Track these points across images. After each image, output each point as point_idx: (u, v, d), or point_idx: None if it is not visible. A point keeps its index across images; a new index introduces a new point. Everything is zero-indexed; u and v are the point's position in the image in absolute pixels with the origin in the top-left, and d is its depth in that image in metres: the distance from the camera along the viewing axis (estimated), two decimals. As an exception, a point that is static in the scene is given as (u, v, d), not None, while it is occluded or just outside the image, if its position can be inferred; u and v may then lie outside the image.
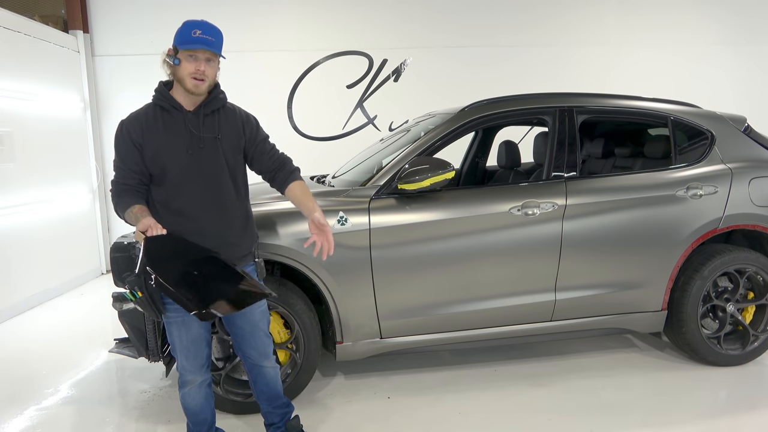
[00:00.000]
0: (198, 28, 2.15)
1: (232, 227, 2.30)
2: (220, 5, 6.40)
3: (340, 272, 2.95)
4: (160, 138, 2.17)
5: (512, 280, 3.19)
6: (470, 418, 2.95)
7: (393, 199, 3.05)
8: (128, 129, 2.18)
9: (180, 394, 2.39)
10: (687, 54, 7.22)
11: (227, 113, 2.30)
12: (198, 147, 2.20)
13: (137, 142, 2.17)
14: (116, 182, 2.22)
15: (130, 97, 6.54)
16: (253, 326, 2.41)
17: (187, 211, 2.21)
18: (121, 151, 2.20)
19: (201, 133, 2.20)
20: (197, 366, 2.34)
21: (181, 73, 2.14)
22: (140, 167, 2.19)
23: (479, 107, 3.37)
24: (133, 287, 2.13)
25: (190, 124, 2.20)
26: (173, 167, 2.18)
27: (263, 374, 2.52)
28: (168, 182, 2.20)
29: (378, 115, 6.89)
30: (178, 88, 2.20)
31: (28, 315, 5.01)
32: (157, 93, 2.23)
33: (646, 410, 2.98)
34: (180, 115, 2.20)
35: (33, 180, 5.30)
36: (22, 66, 5.27)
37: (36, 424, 3.03)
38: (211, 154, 2.23)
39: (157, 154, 2.17)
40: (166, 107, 2.20)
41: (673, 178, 3.35)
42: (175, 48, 2.15)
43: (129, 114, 2.23)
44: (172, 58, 2.15)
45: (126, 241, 3.05)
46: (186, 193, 2.20)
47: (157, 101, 2.22)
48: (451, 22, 6.90)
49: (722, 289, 3.45)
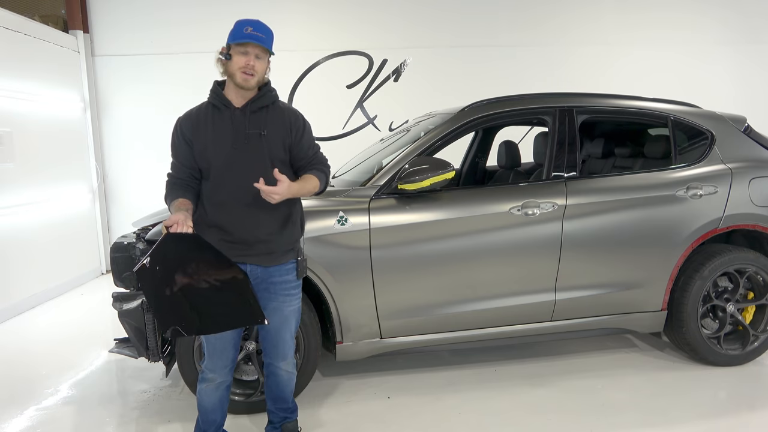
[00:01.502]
0: (250, 25, 2.22)
1: (271, 223, 2.30)
2: (221, 5, 6.41)
3: (340, 272, 2.95)
4: (208, 134, 2.26)
5: (512, 280, 3.19)
6: (470, 418, 2.95)
7: (393, 199, 3.05)
8: (181, 125, 2.31)
9: (197, 389, 2.44)
10: (686, 53, 7.21)
11: (276, 111, 2.33)
12: (243, 143, 2.25)
13: (188, 137, 2.28)
14: (170, 175, 2.35)
15: (130, 97, 6.57)
16: (282, 322, 2.40)
17: (227, 204, 2.26)
18: (175, 147, 2.33)
19: (246, 129, 2.25)
20: (220, 366, 2.37)
21: (232, 67, 2.21)
22: (190, 162, 2.29)
23: (479, 107, 3.37)
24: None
25: (236, 120, 2.26)
26: (217, 161, 2.25)
27: (276, 375, 2.52)
28: (212, 176, 2.27)
29: (378, 115, 6.89)
30: (229, 85, 2.28)
31: (28, 315, 5.01)
32: (211, 92, 2.32)
33: (646, 410, 2.98)
34: (228, 112, 2.27)
35: (33, 180, 5.30)
36: (22, 66, 5.27)
37: (36, 424, 3.03)
38: (256, 150, 2.26)
39: (205, 149, 2.26)
40: (218, 105, 2.28)
41: (673, 178, 3.35)
42: (228, 46, 2.23)
43: (186, 111, 2.35)
44: (225, 54, 2.22)
45: (126, 241, 3.05)
46: (228, 186, 2.26)
47: (211, 99, 2.31)
48: (451, 22, 6.89)
49: (722, 289, 3.45)
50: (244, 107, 2.27)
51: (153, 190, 6.61)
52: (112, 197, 6.73)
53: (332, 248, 2.93)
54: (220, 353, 2.34)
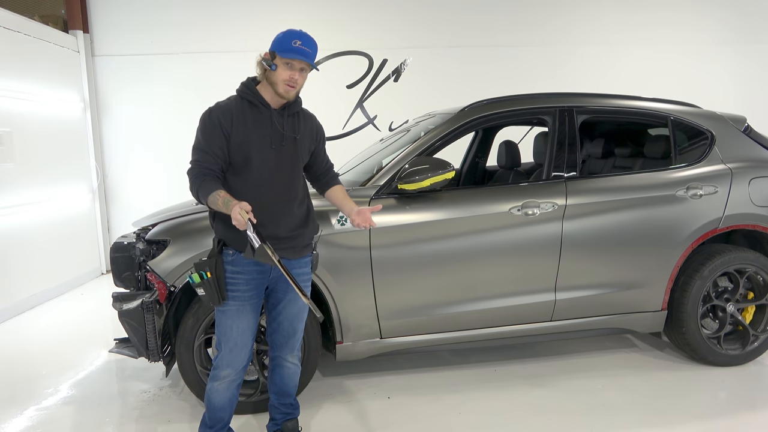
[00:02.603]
0: (299, 38, 2.24)
1: (297, 219, 2.40)
2: (221, 5, 6.41)
3: (340, 272, 2.95)
4: (248, 129, 2.27)
5: (512, 280, 3.19)
6: (470, 418, 2.95)
7: (393, 199, 3.06)
8: (218, 116, 2.26)
9: (209, 387, 2.43)
10: (686, 53, 7.21)
11: (306, 117, 2.46)
12: (280, 143, 2.32)
13: (226, 129, 2.25)
14: (199, 166, 2.26)
15: (130, 97, 6.58)
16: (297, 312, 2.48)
17: (262, 200, 2.28)
18: (208, 137, 2.26)
19: (284, 131, 2.33)
20: (239, 360, 2.39)
21: (276, 78, 2.25)
22: (224, 154, 2.26)
23: (479, 107, 3.37)
24: (204, 269, 2.25)
25: (276, 121, 2.31)
26: (257, 158, 2.28)
27: (283, 367, 2.56)
28: (248, 172, 2.29)
29: (378, 115, 6.89)
30: (267, 88, 2.31)
31: (28, 315, 5.01)
32: (245, 88, 2.33)
33: (646, 410, 2.98)
34: (267, 112, 2.31)
35: (33, 180, 5.30)
36: (22, 66, 5.27)
37: (36, 424, 3.03)
38: (290, 152, 2.35)
39: (244, 143, 2.26)
40: (255, 102, 2.30)
41: (673, 178, 3.35)
42: (272, 53, 2.25)
43: (215, 105, 2.32)
44: (269, 62, 2.25)
45: (126, 241, 3.05)
46: (264, 184, 2.30)
47: (245, 95, 2.31)
48: (451, 22, 6.89)
49: (722, 289, 3.45)
50: (282, 110, 2.34)
51: (153, 190, 6.63)
52: (112, 197, 6.73)
53: (332, 248, 2.93)
54: (241, 346, 2.37)
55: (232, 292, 2.31)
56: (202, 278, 2.26)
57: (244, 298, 2.33)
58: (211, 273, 2.25)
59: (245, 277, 2.32)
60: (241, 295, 2.32)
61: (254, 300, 2.37)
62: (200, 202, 2.29)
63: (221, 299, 2.29)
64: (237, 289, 2.32)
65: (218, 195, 2.17)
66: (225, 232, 2.29)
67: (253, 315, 2.38)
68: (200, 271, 2.26)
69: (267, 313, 2.54)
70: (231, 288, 2.31)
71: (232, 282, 2.31)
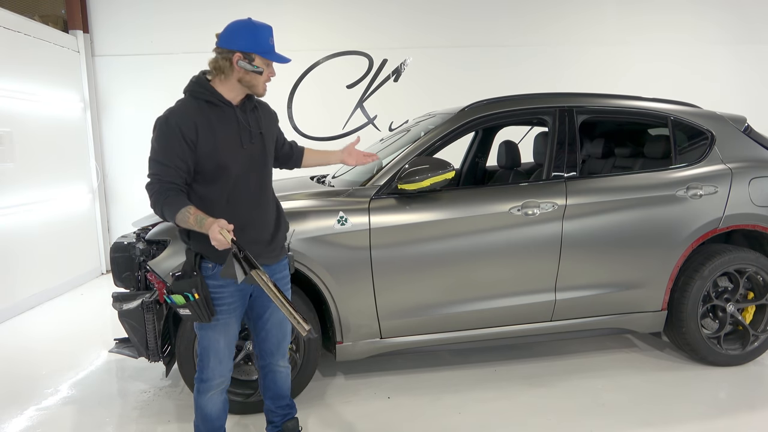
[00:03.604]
0: (270, 34, 2.18)
1: (274, 218, 2.34)
2: (220, 6, 6.40)
3: (340, 272, 2.95)
4: (215, 134, 2.12)
5: (512, 280, 3.18)
6: (470, 418, 2.95)
7: (393, 199, 3.05)
8: (179, 125, 2.06)
9: (201, 400, 2.32)
10: (687, 54, 7.21)
11: (262, 108, 2.35)
12: (249, 142, 2.20)
13: (190, 138, 2.07)
14: (160, 180, 2.06)
15: (130, 97, 6.57)
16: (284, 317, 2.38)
17: (239, 206, 2.19)
18: (167, 148, 2.06)
19: (250, 128, 2.21)
20: (228, 368, 2.31)
21: (258, 80, 2.16)
22: (188, 165, 2.09)
23: (479, 107, 3.37)
24: (188, 290, 2.09)
25: (241, 118, 2.19)
26: (232, 162, 2.14)
27: (276, 372, 2.51)
28: (224, 179, 2.15)
29: (378, 115, 6.89)
30: (226, 84, 2.16)
31: (29, 315, 5.01)
32: (200, 87, 2.16)
33: (646, 410, 2.98)
34: (230, 110, 2.17)
35: (33, 180, 5.30)
36: (22, 66, 5.27)
37: (36, 424, 3.03)
38: (260, 149, 2.25)
39: (214, 150, 2.11)
40: (214, 102, 2.14)
41: (673, 178, 3.35)
42: (249, 54, 2.11)
43: (170, 111, 2.12)
44: (255, 67, 2.12)
45: (126, 241, 3.05)
46: (241, 187, 2.19)
47: (201, 96, 2.14)
48: (451, 23, 6.90)
49: (722, 289, 3.45)
50: (243, 105, 2.22)
51: (153, 190, 6.63)
52: (112, 197, 6.73)
53: (332, 248, 2.93)
54: (228, 356, 2.29)
55: (218, 306, 2.19)
56: (188, 299, 2.10)
57: (230, 310, 2.23)
58: (198, 294, 2.10)
59: (230, 289, 2.20)
60: (227, 308, 2.22)
61: (240, 309, 2.29)
62: (165, 220, 2.13)
63: (211, 314, 2.15)
64: (223, 302, 2.20)
65: (188, 212, 2.01)
66: (202, 246, 2.12)
67: (237, 323, 2.30)
68: (185, 292, 2.10)
69: (252, 322, 2.42)
70: (217, 302, 2.18)
71: (217, 296, 2.18)
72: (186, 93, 2.19)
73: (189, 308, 2.13)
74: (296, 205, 2.99)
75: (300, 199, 3.07)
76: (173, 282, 2.15)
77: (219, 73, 2.14)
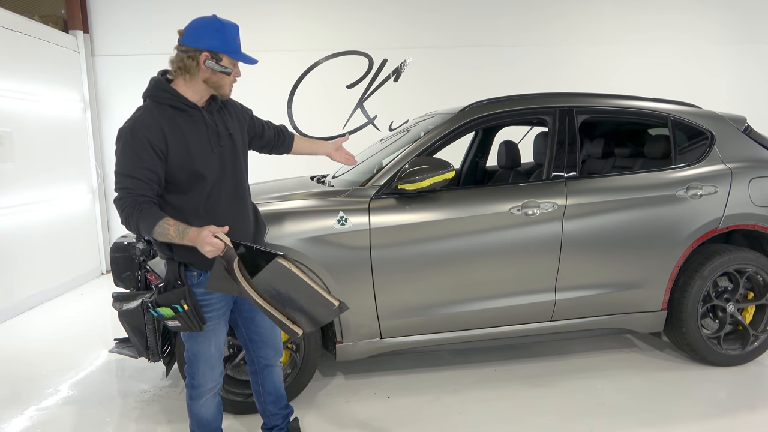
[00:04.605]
0: (237, 33, 2.11)
1: (252, 220, 2.30)
2: (220, 6, 6.40)
3: (340, 272, 2.95)
4: (185, 141, 2.03)
5: (512, 280, 3.18)
6: (470, 418, 2.95)
7: (393, 199, 3.05)
8: (146, 136, 1.95)
9: (194, 406, 2.29)
10: (687, 54, 7.21)
11: (228, 106, 2.27)
12: (219, 144, 2.12)
13: (160, 149, 1.97)
14: (131, 194, 1.96)
15: (130, 97, 6.51)
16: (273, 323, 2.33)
17: (218, 211, 2.12)
18: (135, 160, 1.95)
19: (218, 129, 2.13)
20: (219, 373, 2.28)
21: (225, 80, 2.09)
22: (158, 176, 1.99)
23: (479, 107, 3.37)
24: (176, 301, 2.04)
25: (208, 120, 2.11)
26: (205, 169, 2.06)
27: (273, 374, 2.49)
28: (199, 186, 2.07)
29: (378, 115, 6.89)
30: (189, 86, 2.07)
31: (29, 315, 5.01)
32: (162, 91, 2.06)
33: (646, 410, 2.98)
34: (197, 113, 2.08)
35: (33, 180, 5.30)
36: (23, 66, 5.27)
37: (36, 424, 3.03)
38: (230, 150, 2.17)
39: (186, 158, 2.02)
40: (179, 106, 2.05)
41: (673, 178, 3.35)
42: (217, 54, 2.04)
43: (134, 119, 2.01)
44: (223, 67, 2.05)
45: (126, 241, 3.05)
46: (216, 193, 2.12)
47: (165, 101, 2.05)
48: (451, 22, 6.90)
49: (722, 289, 3.45)
50: (209, 107, 2.14)
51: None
52: (112, 197, 6.71)
53: (332, 248, 2.93)
54: (218, 361, 2.26)
55: (207, 313, 2.14)
56: (177, 311, 2.05)
57: (218, 315, 2.19)
58: (188, 305, 2.04)
59: (217, 295, 2.16)
60: (216, 314, 2.18)
61: (227, 314, 2.26)
62: (141, 235, 2.04)
63: (202, 323, 2.10)
64: (211, 309, 2.16)
65: (167, 224, 1.92)
66: (188, 254, 2.04)
67: (226, 325, 2.27)
68: (173, 304, 2.04)
69: (242, 328, 2.38)
70: (205, 309, 2.14)
71: (205, 303, 2.13)
72: (147, 98, 2.09)
73: (179, 320, 2.07)
74: (296, 205, 3.00)
75: (300, 199, 3.07)
76: (159, 295, 2.08)
77: (184, 73, 2.05)
